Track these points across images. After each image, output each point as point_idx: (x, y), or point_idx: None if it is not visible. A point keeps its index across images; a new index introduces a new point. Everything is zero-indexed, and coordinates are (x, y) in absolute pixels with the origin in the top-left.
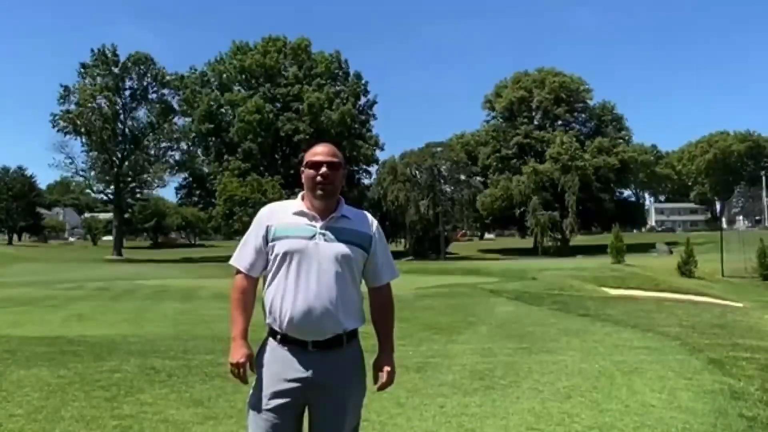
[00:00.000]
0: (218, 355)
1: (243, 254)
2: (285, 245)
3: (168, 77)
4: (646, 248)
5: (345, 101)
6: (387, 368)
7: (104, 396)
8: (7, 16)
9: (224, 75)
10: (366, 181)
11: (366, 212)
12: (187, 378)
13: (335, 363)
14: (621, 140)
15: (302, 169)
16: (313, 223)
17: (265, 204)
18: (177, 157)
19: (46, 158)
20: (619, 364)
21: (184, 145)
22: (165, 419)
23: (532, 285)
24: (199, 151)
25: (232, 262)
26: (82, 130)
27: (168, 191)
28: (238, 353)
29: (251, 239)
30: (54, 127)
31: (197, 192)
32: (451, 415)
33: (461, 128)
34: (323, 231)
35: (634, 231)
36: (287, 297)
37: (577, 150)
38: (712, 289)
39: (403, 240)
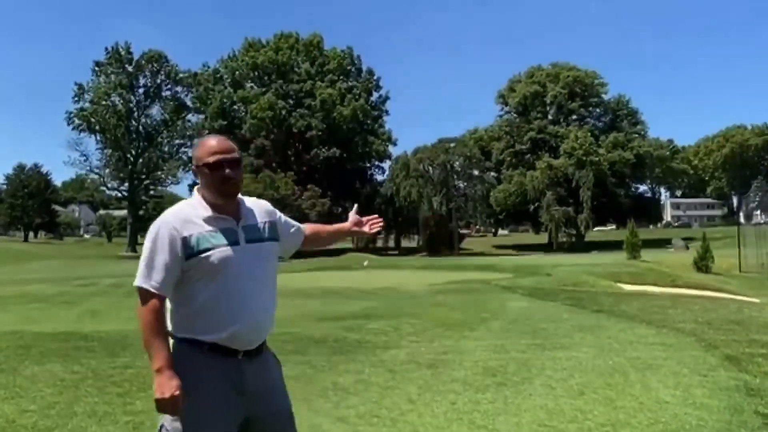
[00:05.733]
0: None
1: (154, 274)
2: (213, 256)
3: (181, 75)
4: (662, 244)
5: (357, 97)
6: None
7: (117, 392)
8: (22, 12)
9: (237, 72)
10: (378, 177)
11: (255, 198)
12: None
13: (262, 367)
14: (636, 135)
15: (198, 167)
16: (230, 226)
17: (278, 200)
18: (190, 154)
19: (61, 156)
20: (634, 360)
21: (197, 142)
22: None
23: (546, 281)
24: None
25: (140, 284)
26: (97, 127)
27: (181, 188)
28: (170, 385)
29: (162, 256)
30: (69, 124)
31: None
32: (462, 411)
33: (474, 123)
34: (242, 234)
35: (650, 226)
36: (223, 308)
37: (592, 145)
38: (728, 284)
39: (416, 236)
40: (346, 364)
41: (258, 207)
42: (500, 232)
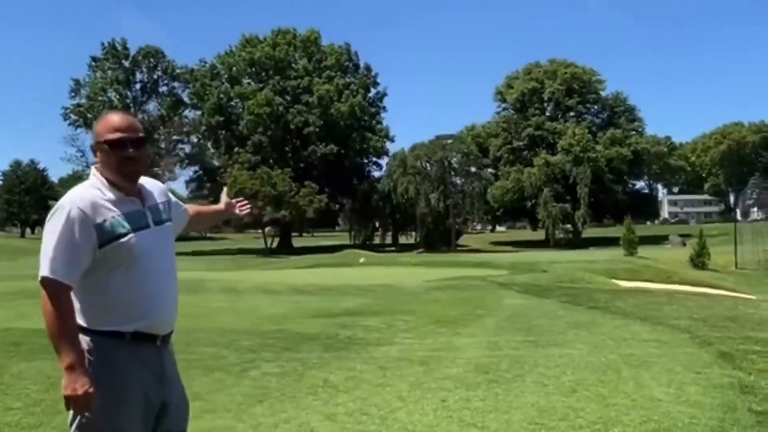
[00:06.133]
0: (221, 348)
1: (63, 263)
2: (128, 242)
3: (178, 70)
4: (659, 240)
5: (355, 93)
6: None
7: None
8: (19, 7)
9: (234, 68)
10: (376, 174)
11: (149, 177)
12: (187, 371)
13: (170, 353)
14: (634, 131)
15: (98, 143)
16: (138, 208)
17: (276, 197)
18: (187, 150)
19: (58, 152)
20: (627, 357)
21: (194, 139)
22: None
23: (543, 277)
24: (209, 144)
25: (48, 274)
26: (93, 123)
27: (178, 184)
28: (83, 381)
29: (72, 244)
30: (65, 120)
31: (207, 185)
32: (453, 409)
33: (472, 120)
34: (149, 215)
35: (647, 223)
36: (142, 294)
37: (589, 141)
38: (725, 281)
39: (413, 233)
40: (338, 361)
41: (155, 187)
42: (498, 228)
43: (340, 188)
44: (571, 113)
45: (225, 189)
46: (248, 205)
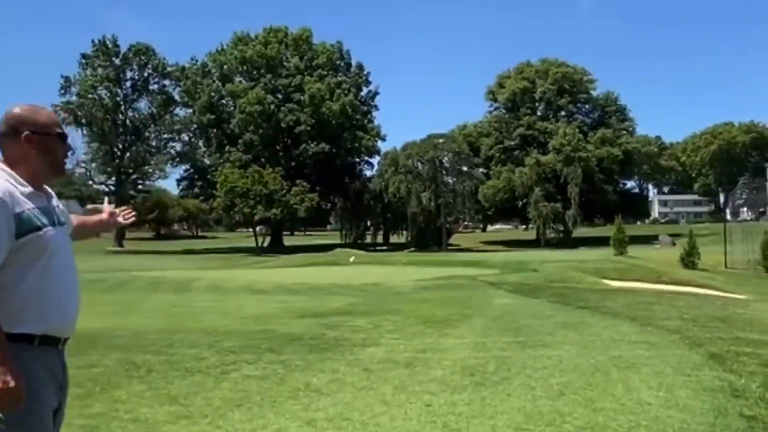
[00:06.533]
0: (202, 349)
1: None
2: (42, 236)
3: (169, 68)
4: (649, 240)
5: (347, 92)
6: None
7: (77, 393)
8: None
9: (225, 66)
10: (367, 173)
11: None
12: (167, 373)
13: (65, 360)
14: (625, 131)
15: (41, 134)
16: (46, 205)
17: (267, 195)
18: (178, 149)
19: None
20: (616, 359)
21: (185, 137)
22: (136, 418)
23: (533, 277)
24: (201, 143)
25: None
26: (83, 121)
27: (169, 183)
28: (14, 374)
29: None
30: None
31: (198, 183)
32: (437, 414)
33: (464, 119)
34: (55, 214)
35: (638, 223)
36: (51, 293)
37: (580, 141)
38: (714, 280)
39: (404, 232)
40: (322, 363)
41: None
42: (489, 227)
43: (331, 187)
44: (562, 113)
45: (106, 199)
46: (132, 214)
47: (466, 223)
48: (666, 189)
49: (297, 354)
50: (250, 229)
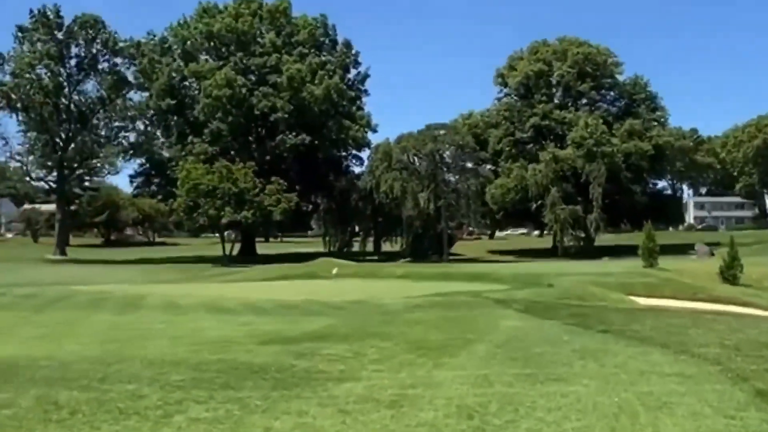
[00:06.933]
0: (143, 385)
1: None
2: None
3: (121, 44)
4: (683, 249)
5: (331, 74)
6: None
7: None
8: None
9: (188, 42)
10: (356, 169)
11: None
12: (94, 416)
13: None
14: (655, 122)
15: None
16: None
17: (236, 195)
18: (132, 139)
19: None
20: (644, 396)
21: (140, 125)
22: None
23: (547, 293)
24: (158, 132)
25: None
26: (18, 105)
27: (122, 179)
28: None
29: None
30: None
31: (156, 180)
32: None
33: (469, 107)
34: None
35: (670, 229)
36: None
37: (604, 133)
38: (760, 298)
39: (398, 238)
40: (288, 402)
41: None
42: (498, 234)
43: (313, 185)
44: (583, 100)
45: None
46: None
47: (470, 228)
48: (703, 190)
49: (258, 390)
50: (217, 235)
